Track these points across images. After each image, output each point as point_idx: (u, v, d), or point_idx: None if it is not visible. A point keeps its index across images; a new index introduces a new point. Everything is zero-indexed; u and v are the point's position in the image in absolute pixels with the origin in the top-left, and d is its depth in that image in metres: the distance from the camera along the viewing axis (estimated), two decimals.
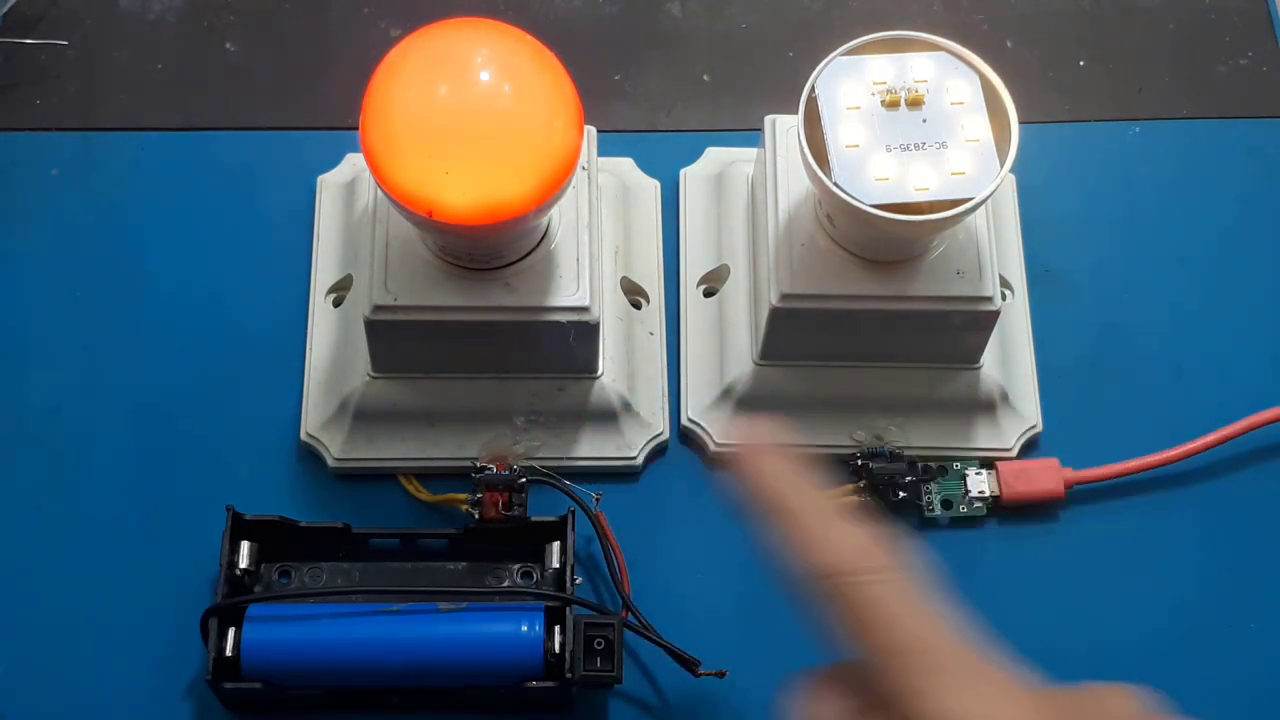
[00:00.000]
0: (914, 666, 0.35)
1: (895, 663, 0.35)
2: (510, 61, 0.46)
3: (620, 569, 0.52)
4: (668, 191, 0.60)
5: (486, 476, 0.52)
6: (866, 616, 0.36)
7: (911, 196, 0.47)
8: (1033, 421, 0.57)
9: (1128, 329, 0.59)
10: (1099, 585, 0.55)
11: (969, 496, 0.55)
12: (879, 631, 0.36)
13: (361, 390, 0.54)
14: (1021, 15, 0.65)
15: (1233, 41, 0.65)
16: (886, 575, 0.37)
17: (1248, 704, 0.53)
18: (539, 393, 0.55)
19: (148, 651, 0.52)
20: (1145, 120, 0.63)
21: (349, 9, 0.64)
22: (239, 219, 0.60)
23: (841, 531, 0.38)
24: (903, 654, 0.35)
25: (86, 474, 0.55)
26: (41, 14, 0.63)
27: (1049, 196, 0.61)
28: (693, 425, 0.56)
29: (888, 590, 0.37)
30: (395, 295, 0.50)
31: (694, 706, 0.52)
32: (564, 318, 0.51)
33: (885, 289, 0.51)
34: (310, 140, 0.61)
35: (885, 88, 0.49)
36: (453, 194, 0.45)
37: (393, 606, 0.50)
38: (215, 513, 0.51)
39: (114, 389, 0.56)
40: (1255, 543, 0.56)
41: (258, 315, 0.58)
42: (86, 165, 0.61)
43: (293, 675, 0.49)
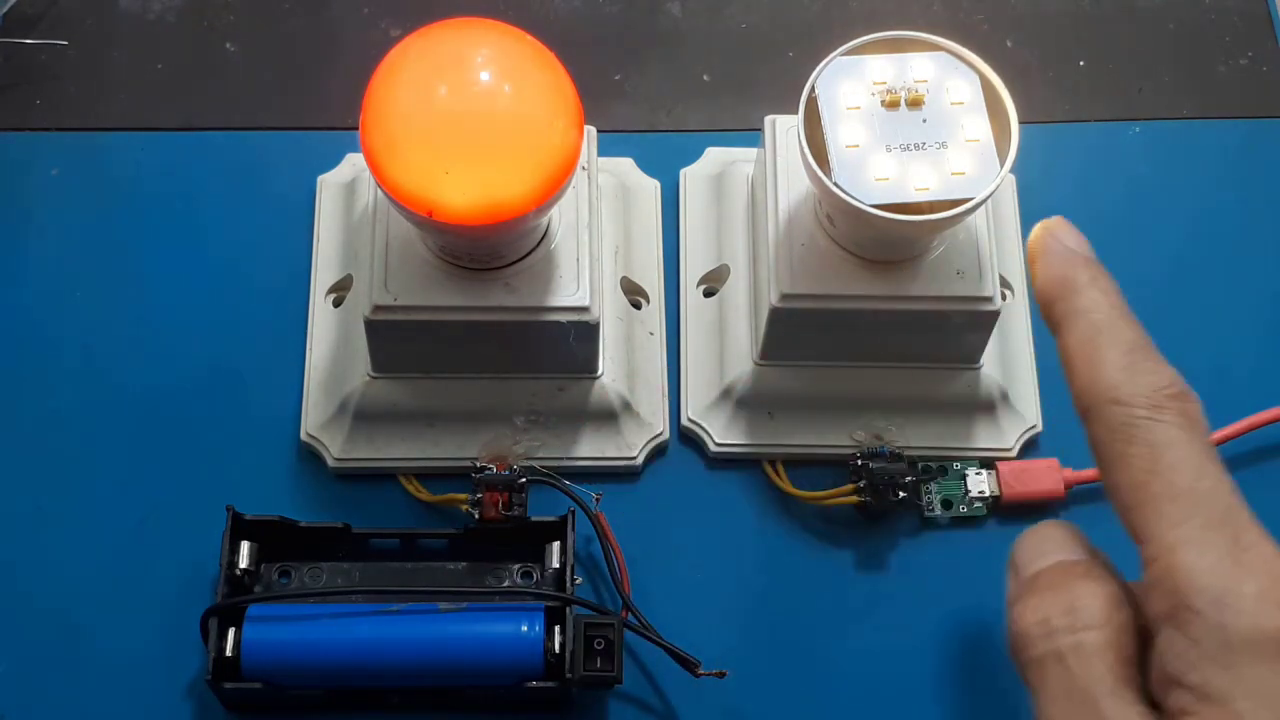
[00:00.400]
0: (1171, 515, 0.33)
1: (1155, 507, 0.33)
2: (510, 61, 0.46)
3: (620, 569, 0.52)
4: (668, 191, 0.60)
5: (486, 476, 0.52)
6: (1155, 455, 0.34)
7: (911, 196, 0.47)
8: (1033, 421, 0.57)
9: None
10: None
11: (969, 496, 0.55)
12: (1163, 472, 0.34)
13: (361, 390, 0.54)
14: (1021, 15, 0.65)
15: (1233, 41, 0.65)
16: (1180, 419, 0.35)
17: None
18: (539, 393, 0.55)
19: (148, 651, 0.52)
20: (1145, 120, 0.63)
21: (349, 9, 0.64)
22: (239, 219, 0.60)
23: (1144, 355, 0.37)
24: (1167, 499, 0.33)
25: (86, 474, 0.55)
26: (41, 14, 0.63)
27: (1049, 196, 0.61)
28: (693, 425, 0.56)
29: (1177, 436, 0.35)
30: (395, 295, 0.50)
31: (694, 706, 0.52)
32: (564, 318, 0.51)
33: (885, 289, 0.51)
34: (310, 140, 0.61)
35: (885, 88, 0.49)
36: (453, 194, 0.45)
37: (393, 606, 0.50)
38: (215, 513, 0.51)
39: (114, 389, 0.56)
40: None
41: (258, 315, 0.58)
42: (86, 165, 0.61)
43: (293, 675, 0.49)
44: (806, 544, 0.55)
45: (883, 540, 0.55)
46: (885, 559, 0.55)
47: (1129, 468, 0.35)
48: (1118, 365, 0.37)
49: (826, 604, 0.53)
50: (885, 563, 0.55)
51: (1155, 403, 0.35)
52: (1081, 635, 0.34)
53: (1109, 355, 0.37)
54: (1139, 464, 0.34)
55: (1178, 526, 0.32)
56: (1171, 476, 0.34)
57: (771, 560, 0.55)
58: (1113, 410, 0.36)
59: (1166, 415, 0.35)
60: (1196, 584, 0.31)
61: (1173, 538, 0.32)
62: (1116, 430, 0.35)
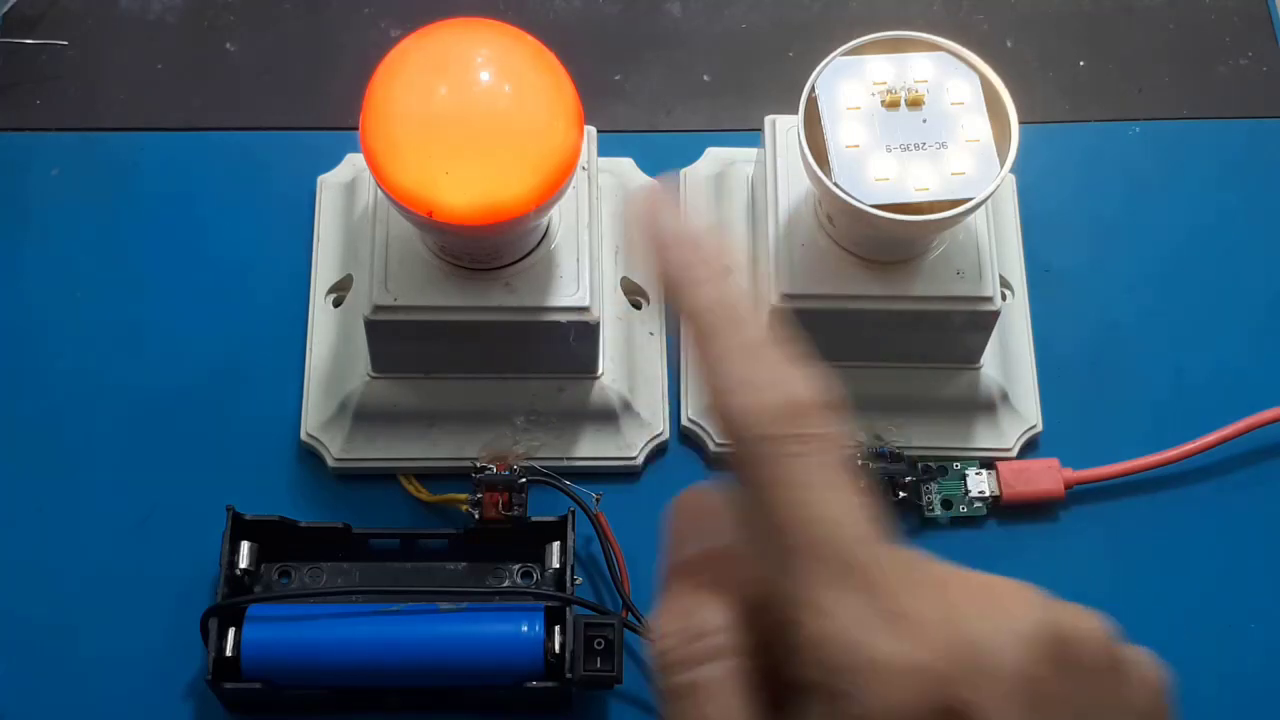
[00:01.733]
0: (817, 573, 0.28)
1: (795, 562, 0.28)
2: (510, 62, 0.46)
3: (620, 569, 0.52)
4: None
5: (486, 476, 0.52)
6: (777, 496, 0.28)
7: (911, 196, 0.47)
8: (1033, 421, 0.57)
9: (1128, 329, 0.59)
10: (1099, 585, 0.55)
11: (969, 496, 0.55)
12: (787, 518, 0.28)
13: (361, 390, 0.54)
14: (1021, 15, 0.65)
15: (1233, 41, 0.65)
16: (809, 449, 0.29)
17: (1248, 704, 0.53)
18: (539, 393, 0.55)
19: (148, 651, 0.52)
20: (1145, 120, 0.63)
21: (349, 9, 0.64)
22: (239, 219, 0.60)
23: (768, 374, 0.30)
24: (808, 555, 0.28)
25: (87, 474, 0.55)
26: (41, 14, 0.63)
27: (1049, 196, 0.61)
28: (693, 425, 0.56)
29: (806, 472, 0.29)
30: (395, 295, 0.50)
31: None
32: (564, 318, 0.51)
33: (885, 289, 0.51)
34: (310, 140, 0.61)
35: (885, 88, 0.49)
36: (453, 194, 0.45)
37: (393, 607, 0.50)
38: (215, 513, 0.51)
39: (114, 389, 0.56)
40: (1255, 543, 0.56)
41: (258, 315, 0.58)
42: (86, 165, 0.60)
43: (293, 675, 0.49)
44: None
45: None
46: None
47: (761, 509, 0.29)
48: (735, 382, 0.30)
49: None
50: None
51: (777, 431, 0.29)
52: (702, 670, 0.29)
53: (727, 368, 0.30)
54: (768, 507, 0.29)
55: (810, 587, 0.28)
56: (800, 526, 0.28)
57: None
58: (738, 441, 0.29)
59: (791, 447, 0.29)
60: (832, 658, 0.27)
61: (807, 599, 0.28)
62: (744, 464, 0.29)
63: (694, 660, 0.29)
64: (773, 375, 0.30)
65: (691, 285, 0.31)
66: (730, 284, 0.31)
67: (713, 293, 0.31)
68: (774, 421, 0.29)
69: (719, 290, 0.31)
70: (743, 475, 0.29)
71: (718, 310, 0.31)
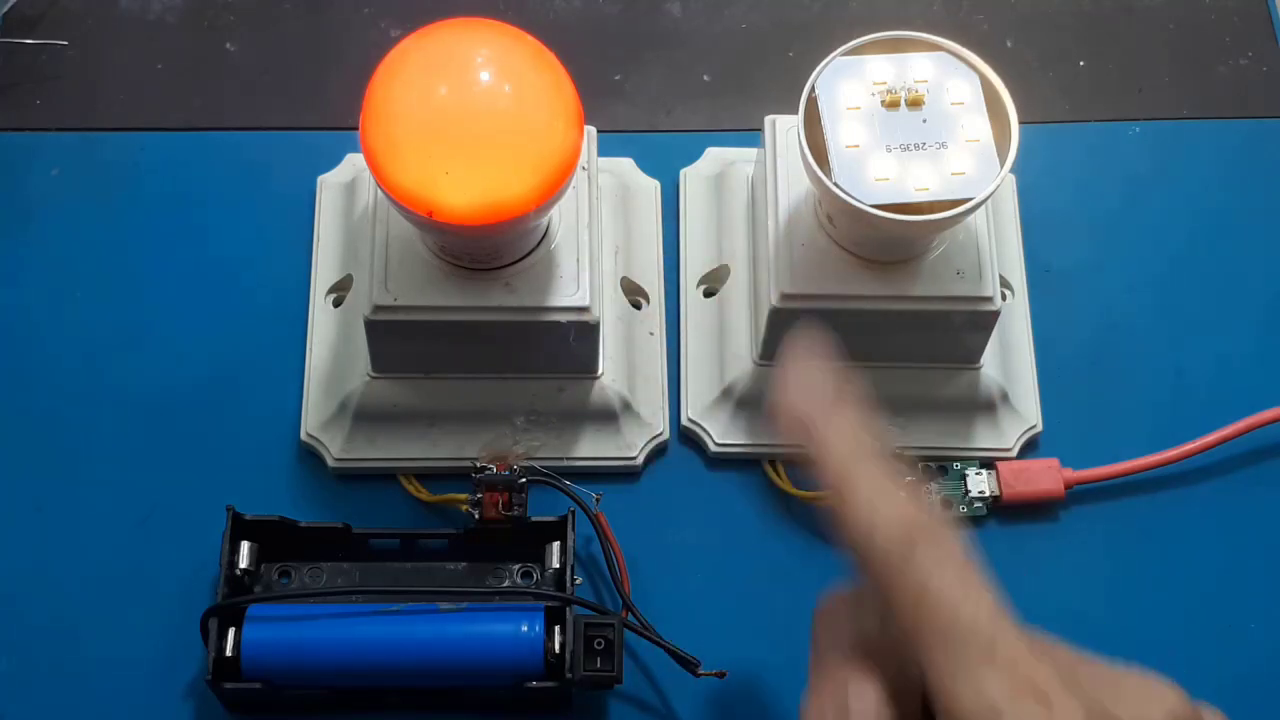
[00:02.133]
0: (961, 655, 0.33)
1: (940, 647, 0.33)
2: (510, 61, 0.46)
3: (620, 569, 0.52)
4: (668, 191, 0.60)
5: (486, 476, 0.52)
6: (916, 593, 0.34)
7: (911, 196, 0.47)
8: (1033, 421, 0.57)
9: (1128, 329, 0.59)
10: (1099, 585, 0.55)
11: (969, 496, 0.55)
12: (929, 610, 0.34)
13: (361, 390, 0.54)
14: (1021, 15, 0.65)
15: (1233, 41, 0.65)
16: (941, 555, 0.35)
17: (1248, 704, 0.53)
18: (539, 393, 0.55)
19: (148, 651, 0.52)
20: (1145, 120, 0.63)
21: (349, 9, 0.64)
22: (239, 219, 0.60)
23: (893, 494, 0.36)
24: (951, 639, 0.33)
25: (86, 474, 0.55)
26: (41, 14, 0.63)
27: (1049, 197, 0.61)
28: (693, 425, 0.56)
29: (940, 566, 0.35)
30: (395, 295, 0.50)
31: (694, 706, 0.52)
32: (564, 318, 0.51)
33: (885, 289, 0.51)
34: (310, 140, 0.61)
35: (885, 88, 0.49)
36: (453, 194, 0.45)
37: (393, 607, 0.50)
38: (215, 513, 0.51)
39: (114, 389, 0.56)
40: (1255, 543, 0.56)
41: (258, 315, 0.58)
42: (86, 165, 0.61)
43: (293, 675, 0.49)
44: (806, 544, 0.55)
45: None
46: None
47: (896, 608, 0.35)
48: (865, 506, 0.36)
49: None
50: None
51: (906, 539, 0.35)
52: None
53: (856, 496, 0.36)
54: (903, 604, 0.34)
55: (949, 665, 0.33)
56: (934, 615, 0.34)
57: (771, 560, 0.55)
58: (869, 553, 0.36)
59: (918, 550, 0.35)
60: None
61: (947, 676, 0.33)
62: (877, 574, 0.35)
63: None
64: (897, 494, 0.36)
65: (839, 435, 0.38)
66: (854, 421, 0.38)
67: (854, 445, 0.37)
68: (906, 531, 0.35)
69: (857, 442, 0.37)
70: (881, 579, 0.35)
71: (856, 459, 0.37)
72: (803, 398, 0.39)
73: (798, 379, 0.39)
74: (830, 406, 0.38)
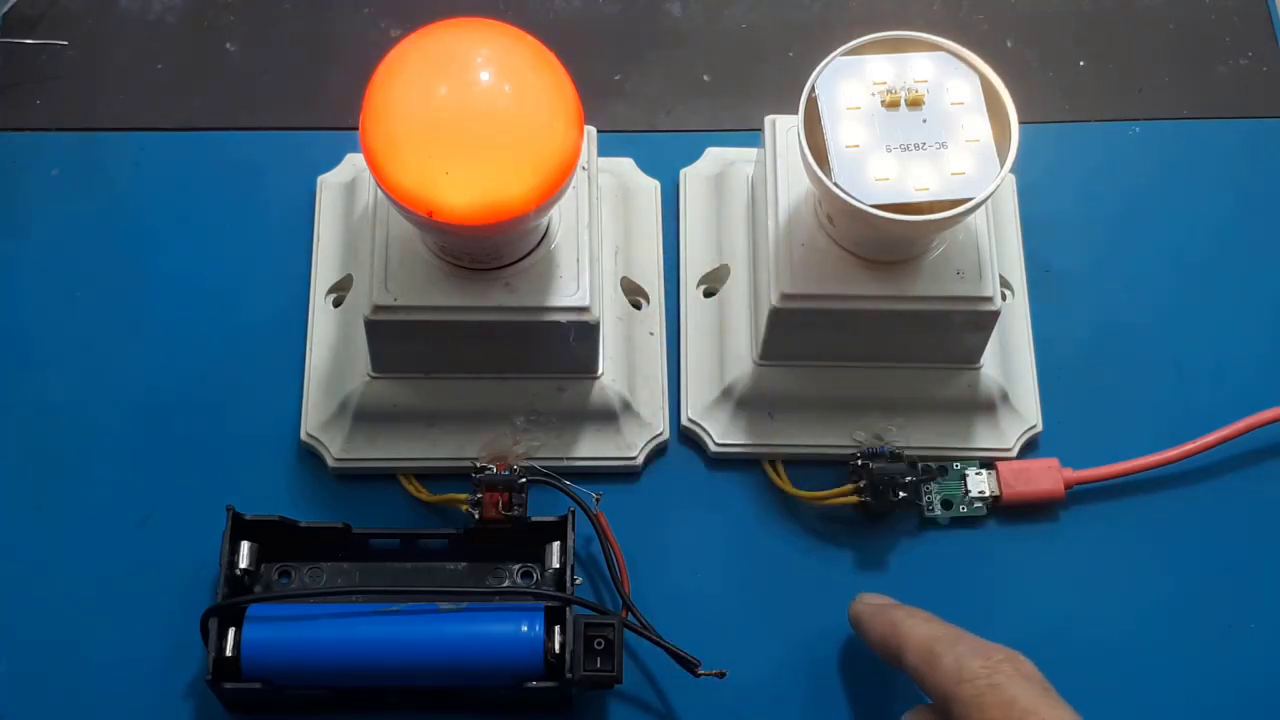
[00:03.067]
0: None
1: None
2: (510, 61, 0.46)
3: (620, 569, 0.52)
4: (668, 191, 0.60)
5: (486, 476, 0.52)
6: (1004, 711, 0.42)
7: (911, 196, 0.47)
8: (1033, 421, 0.57)
9: (1128, 329, 0.59)
10: (1099, 585, 0.55)
11: (969, 496, 0.55)
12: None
13: (361, 390, 0.54)
14: (1021, 15, 0.65)
15: (1233, 41, 0.65)
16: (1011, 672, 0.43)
17: (1247, 704, 0.53)
18: (539, 393, 0.55)
19: (148, 651, 0.52)
20: (1145, 120, 0.63)
21: (349, 9, 0.64)
22: (239, 219, 0.60)
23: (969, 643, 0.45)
24: None
25: (87, 474, 0.55)
26: (41, 14, 0.63)
27: (1049, 196, 0.61)
28: (693, 425, 0.56)
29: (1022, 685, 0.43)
30: (395, 295, 0.50)
31: (694, 706, 0.52)
32: (564, 318, 0.51)
33: (885, 289, 0.51)
34: (310, 140, 0.61)
35: (885, 88, 0.49)
36: (453, 194, 0.45)
37: (393, 607, 0.50)
38: (215, 513, 0.51)
39: (114, 389, 0.56)
40: (1255, 543, 0.56)
41: (258, 315, 0.58)
42: (86, 165, 0.61)
43: (293, 675, 0.49)
44: (806, 544, 0.55)
45: (883, 540, 0.55)
46: (885, 559, 0.55)
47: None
48: (954, 659, 0.45)
49: (826, 604, 0.53)
50: (885, 563, 0.55)
51: (992, 668, 0.44)
52: None
53: (944, 659, 0.45)
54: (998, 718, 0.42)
55: None
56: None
57: (771, 560, 0.55)
58: (963, 690, 0.43)
59: (1005, 672, 0.43)
60: None
61: None
62: (970, 703, 0.43)
63: None
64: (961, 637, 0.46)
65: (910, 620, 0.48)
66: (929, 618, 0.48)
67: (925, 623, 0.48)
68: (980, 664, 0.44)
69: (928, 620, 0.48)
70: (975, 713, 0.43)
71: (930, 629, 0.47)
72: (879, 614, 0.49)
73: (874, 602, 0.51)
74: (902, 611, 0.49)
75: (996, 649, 0.45)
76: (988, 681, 0.43)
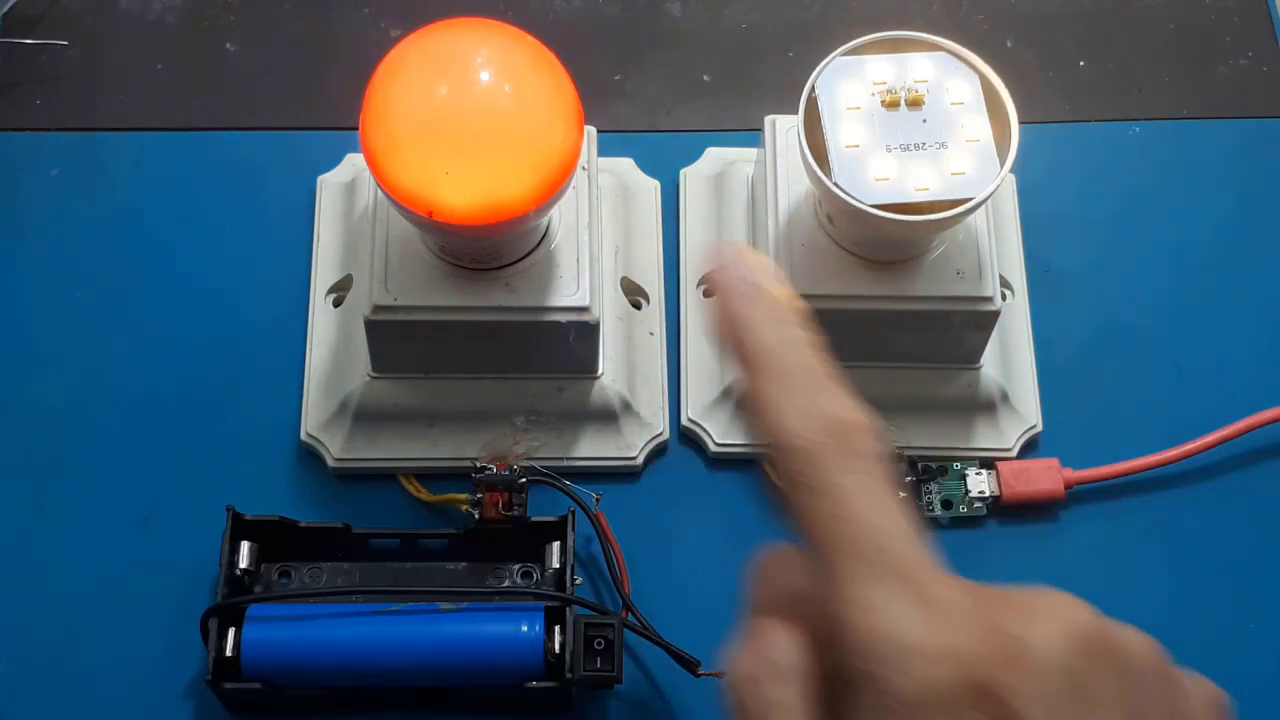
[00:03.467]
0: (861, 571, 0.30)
1: (840, 563, 0.31)
2: (510, 61, 0.46)
3: (620, 569, 0.52)
4: (668, 191, 0.60)
5: (486, 476, 0.52)
6: (825, 507, 0.31)
7: (911, 196, 0.47)
8: (1033, 421, 0.57)
9: (1128, 329, 0.59)
10: (1099, 585, 0.54)
11: (969, 496, 0.55)
12: (834, 526, 0.31)
13: (361, 390, 0.54)
14: (1021, 15, 0.65)
15: (1233, 41, 0.65)
16: (857, 464, 0.32)
17: (1247, 704, 0.53)
18: (539, 393, 0.55)
19: (148, 651, 0.52)
20: (1145, 120, 0.63)
21: (349, 9, 0.64)
22: (239, 219, 0.60)
23: (816, 400, 0.33)
24: (853, 555, 0.31)
25: (87, 474, 0.55)
26: (41, 14, 0.63)
27: (1049, 197, 0.61)
28: (693, 425, 0.56)
29: (854, 482, 0.32)
30: (395, 295, 0.50)
31: (694, 706, 0.52)
32: (564, 318, 0.51)
33: (885, 289, 0.51)
34: (310, 140, 0.61)
35: (885, 88, 0.49)
36: (453, 194, 0.45)
37: (393, 607, 0.50)
38: (215, 513, 0.51)
39: (114, 389, 0.56)
40: (1255, 543, 0.56)
41: (258, 315, 0.58)
42: (86, 165, 0.61)
43: (293, 675, 0.49)
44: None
45: None
46: None
47: (806, 519, 0.32)
48: (791, 408, 0.33)
49: None
50: None
51: (828, 447, 0.32)
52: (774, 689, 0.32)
53: (783, 397, 0.33)
54: (815, 516, 0.32)
55: (850, 583, 0.30)
56: (845, 528, 0.31)
57: None
58: (789, 457, 0.33)
59: (838, 460, 0.32)
60: (873, 647, 0.29)
61: (846, 595, 0.30)
62: (793, 479, 0.33)
63: (767, 680, 0.32)
64: (823, 399, 0.33)
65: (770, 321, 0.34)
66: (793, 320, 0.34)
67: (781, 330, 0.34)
68: (821, 438, 0.32)
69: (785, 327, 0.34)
70: (794, 492, 0.32)
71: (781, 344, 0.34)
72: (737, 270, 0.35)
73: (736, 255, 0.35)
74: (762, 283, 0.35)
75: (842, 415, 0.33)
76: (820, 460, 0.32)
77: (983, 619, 0.30)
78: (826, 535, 0.31)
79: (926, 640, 0.29)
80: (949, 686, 0.28)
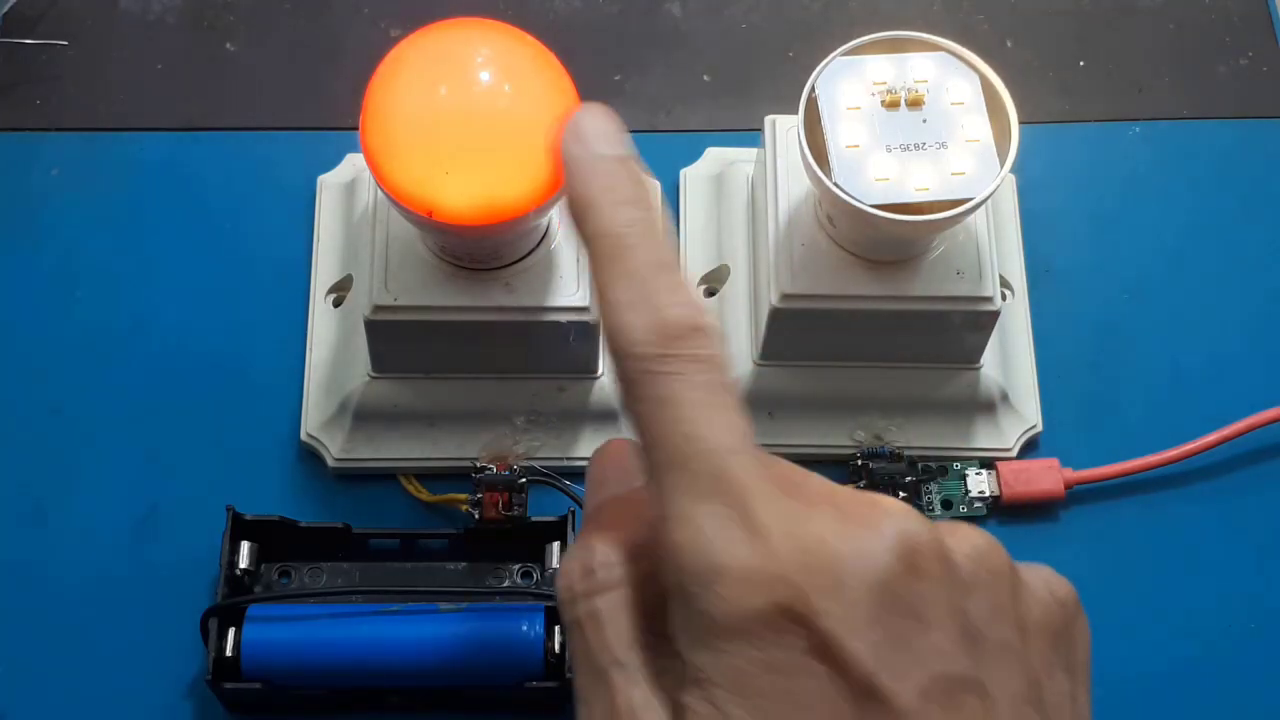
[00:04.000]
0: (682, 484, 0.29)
1: (664, 475, 0.29)
2: (510, 61, 0.46)
3: None
4: (668, 191, 0.60)
5: (486, 476, 0.52)
6: (652, 412, 0.29)
7: (911, 196, 0.47)
8: (1033, 421, 0.57)
9: (1128, 329, 0.59)
10: (1099, 585, 0.55)
11: (969, 496, 0.55)
12: (660, 433, 0.29)
13: (361, 390, 0.54)
14: (1021, 15, 0.65)
15: (1233, 41, 0.65)
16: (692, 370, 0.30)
17: (1248, 704, 0.53)
18: (539, 393, 0.55)
19: (148, 651, 0.52)
20: (1145, 120, 0.63)
21: (349, 9, 0.64)
22: (239, 219, 0.60)
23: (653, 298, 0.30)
24: (677, 467, 0.29)
25: (86, 474, 0.55)
26: (41, 14, 0.63)
27: (1049, 196, 0.61)
28: None
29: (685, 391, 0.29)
30: (395, 295, 0.50)
31: None
32: (564, 318, 0.51)
33: (885, 289, 0.51)
34: (310, 140, 0.61)
35: (885, 88, 0.49)
36: (453, 194, 0.45)
37: (393, 607, 0.50)
38: (215, 513, 0.51)
39: (114, 389, 0.56)
40: (1256, 542, 0.56)
41: (258, 315, 0.58)
42: (86, 165, 0.60)
43: (293, 675, 0.49)
44: None
45: None
46: None
47: (638, 426, 0.30)
48: (624, 304, 0.31)
49: None
50: None
51: (659, 350, 0.30)
52: (595, 601, 0.31)
53: (619, 293, 0.31)
54: (646, 423, 0.30)
55: (673, 498, 0.29)
56: (673, 440, 0.29)
57: None
58: (621, 360, 0.30)
59: (669, 365, 0.30)
60: (686, 564, 0.28)
61: (670, 510, 0.29)
62: (626, 384, 0.30)
63: (588, 593, 0.31)
64: (657, 297, 0.30)
65: (610, 205, 0.32)
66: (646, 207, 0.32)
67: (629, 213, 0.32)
68: (652, 340, 0.30)
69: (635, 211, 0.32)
70: (625, 396, 0.30)
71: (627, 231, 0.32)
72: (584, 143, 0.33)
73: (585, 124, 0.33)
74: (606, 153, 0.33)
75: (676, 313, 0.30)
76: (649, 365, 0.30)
77: (803, 538, 0.28)
78: (654, 445, 0.29)
79: (739, 562, 0.28)
80: (759, 610, 0.27)
